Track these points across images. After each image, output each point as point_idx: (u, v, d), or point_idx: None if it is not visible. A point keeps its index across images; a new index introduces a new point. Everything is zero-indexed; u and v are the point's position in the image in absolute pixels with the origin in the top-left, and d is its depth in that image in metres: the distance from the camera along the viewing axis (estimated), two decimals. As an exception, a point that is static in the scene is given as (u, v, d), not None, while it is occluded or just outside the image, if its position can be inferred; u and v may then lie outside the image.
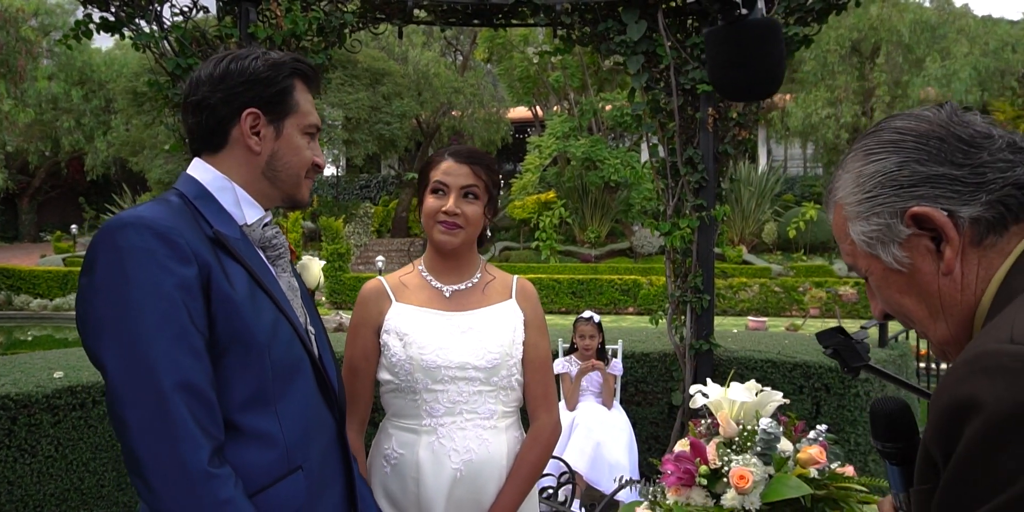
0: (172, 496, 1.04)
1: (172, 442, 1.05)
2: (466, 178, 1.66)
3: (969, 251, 0.79)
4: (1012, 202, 0.77)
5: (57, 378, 3.22)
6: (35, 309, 15.54)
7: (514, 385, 1.69)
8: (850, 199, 0.86)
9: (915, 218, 0.80)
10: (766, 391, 1.43)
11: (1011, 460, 0.62)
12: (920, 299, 0.83)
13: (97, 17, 3.32)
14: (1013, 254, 0.77)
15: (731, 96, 1.47)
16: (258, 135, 1.27)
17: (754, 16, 1.20)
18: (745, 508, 1.28)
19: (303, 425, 1.25)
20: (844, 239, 0.89)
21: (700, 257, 3.99)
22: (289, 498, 1.20)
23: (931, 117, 0.83)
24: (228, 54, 1.30)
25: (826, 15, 3.73)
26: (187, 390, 1.07)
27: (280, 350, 1.22)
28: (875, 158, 0.83)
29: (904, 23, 18.87)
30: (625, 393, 4.38)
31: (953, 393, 0.67)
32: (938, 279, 0.81)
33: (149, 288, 1.08)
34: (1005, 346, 0.65)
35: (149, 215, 1.14)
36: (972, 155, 0.79)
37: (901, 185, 0.81)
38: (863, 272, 0.89)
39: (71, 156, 27.17)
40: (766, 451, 1.33)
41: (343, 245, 17.24)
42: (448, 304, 1.71)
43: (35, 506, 3.02)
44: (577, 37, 4.12)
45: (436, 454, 1.62)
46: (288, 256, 1.36)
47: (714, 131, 3.92)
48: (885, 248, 0.83)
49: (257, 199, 1.31)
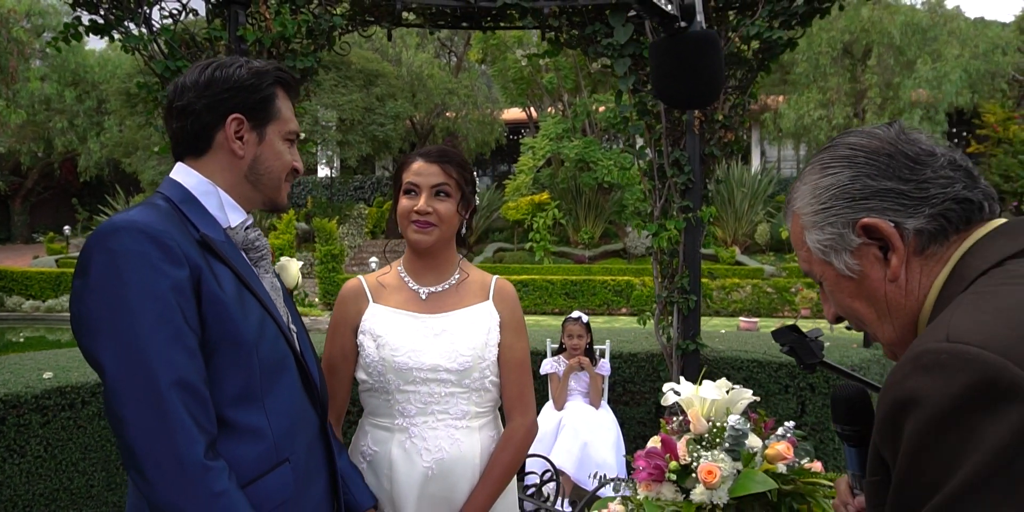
0: (170, 489, 1.08)
1: (169, 437, 1.09)
2: (436, 177, 1.69)
3: (913, 259, 0.86)
4: (952, 215, 0.84)
5: (47, 379, 3.23)
6: (27, 310, 15.51)
7: (488, 386, 1.71)
8: (807, 209, 0.92)
9: (865, 228, 0.86)
10: (736, 389, 1.46)
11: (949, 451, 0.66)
12: (869, 303, 0.90)
13: (86, 19, 3.33)
14: (950, 262, 0.84)
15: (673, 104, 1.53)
16: (241, 140, 1.31)
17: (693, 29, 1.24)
18: (713, 502, 1.31)
19: (289, 420, 1.29)
20: (801, 246, 0.95)
21: (687, 258, 4.02)
22: (277, 489, 1.25)
23: (881, 135, 0.90)
24: (212, 62, 1.33)
25: (810, 19, 3.77)
26: (183, 387, 1.11)
27: (267, 348, 1.26)
28: (830, 172, 0.90)
29: (895, 25, 18.97)
30: (613, 393, 4.41)
31: (896, 390, 0.71)
32: (885, 285, 0.87)
33: (144, 289, 1.12)
34: (941, 344, 0.70)
35: (141, 219, 1.17)
36: (917, 171, 0.86)
37: (853, 198, 0.87)
38: (818, 277, 0.95)
39: (64, 157, 27.09)
40: (735, 447, 1.36)
41: (337, 246, 17.24)
42: (424, 306, 1.74)
43: (24, 506, 3.03)
44: (565, 40, 4.16)
45: (408, 452, 1.65)
46: (269, 258, 1.40)
47: (700, 133, 3.96)
48: (838, 255, 0.89)
49: (239, 202, 1.35)
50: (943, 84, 18.41)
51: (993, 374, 0.65)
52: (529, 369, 1.78)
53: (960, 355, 0.68)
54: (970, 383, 0.66)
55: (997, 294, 0.75)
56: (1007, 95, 21.57)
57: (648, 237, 4.18)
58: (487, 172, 29.05)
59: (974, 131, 22.05)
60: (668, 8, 1.25)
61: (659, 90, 1.41)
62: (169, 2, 3.42)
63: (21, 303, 15.77)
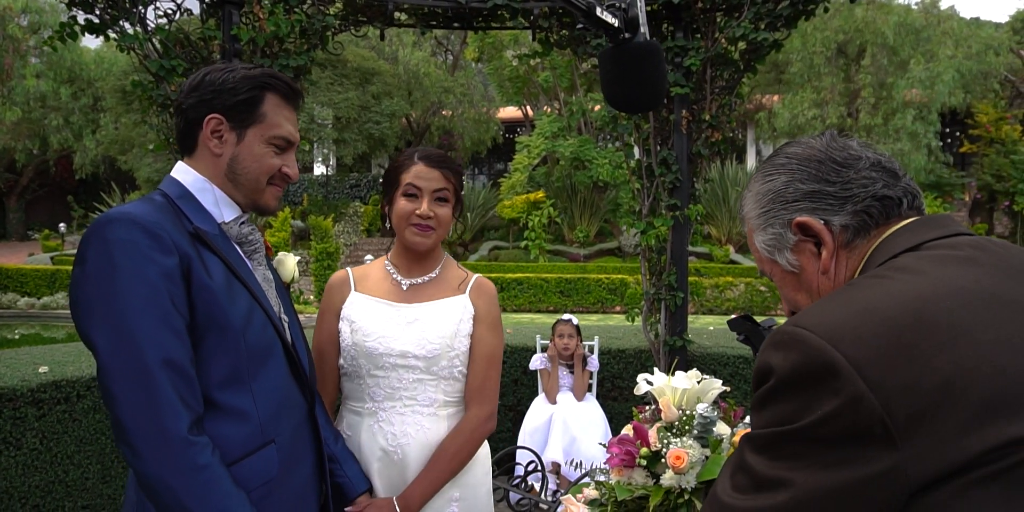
0: (155, 461, 1.15)
1: (155, 412, 1.16)
2: (438, 182, 1.74)
3: (841, 253, 0.96)
4: (873, 211, 0.94)
5: (42, 373, 3.28)
6: (23, 308, 15.52)
7: (457, 376, 1.76)
8: (752, 214, 1.03)
9: (799, 226, 0.96)
10: (707, 379, 1.52)
11: (787, 407, 0.78)
12: (808, 295, 1.00)
13: (82, 19, 3.38)
14: (866, 255, 0.93)
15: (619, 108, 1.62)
16: (220, 139, 1.37)
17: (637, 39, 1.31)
18: (682, 487, 1.37)
19: (276, 403, 1.36)
20: (753, 248, 1.05)
21: (674, 255, 4.09)
22: (263, 469, 1.32)
23: (814, 143, 1.00)
24: (212, 67, 1.41)
25: (795, 20, 3.84)
26: (169, 366, 1.18)
27: (254, 334, 1.33)
28: (768, 179, 1.01)
29: (889, 25, 19.05)
30: (602, 388, 4.48)
31: (758, 362, 0.84)
32: (818, 277, 0.98)
33: (135, 275, 1.19)
34: (786, 327, 0.82)
35: (135, 211, 1.25)
36: (843, 174, 0.95)
37: (787, 200, 0.98)
38: (769, 275, 1.05)
39: (59, 154, 27.06)
40: (703, 434, 1.42)
41: (332, 244, 17.28)
42: (402, 296, 1.80)
43: (20, 498, 3.08)
44: (555, 40, 4.22)
45: (375, 436, 1.71)
46: (263, 251, 1.48)
47: (688, 133, 4.02)
48: (780, 253, 1.00)
49: (232, 200, 1.42)
50: (936, 84, 18.50)
51: (813, 353, 0.76)
52: (498, 364, 1.82)
53: (794, 336, 0.79)
54: (799, 360, 0.78)
55: (859, 285, 0.85)
56: (1000, 95, 21.68)
57: (637, 235, 4.24)
58: (483, 170, 29.09)
59: (967, 131, 22.17)
60: (613, 21, 1.32)
61: (606, 95, 1.49)
62: (164, 2, 3.46)
63: (16, 300, 15.78)
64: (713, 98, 4.00)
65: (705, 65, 3.93)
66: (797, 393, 0.78)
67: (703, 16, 3.93)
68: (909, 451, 0.71)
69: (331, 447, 1.61)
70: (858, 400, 0.72)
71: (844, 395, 0.73)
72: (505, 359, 4.55)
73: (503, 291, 16.09)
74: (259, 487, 1.30)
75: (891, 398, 0.72)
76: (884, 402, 0.72)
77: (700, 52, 3.89)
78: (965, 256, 0.85)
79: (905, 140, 18.75)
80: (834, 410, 0.74)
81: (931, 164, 19.84)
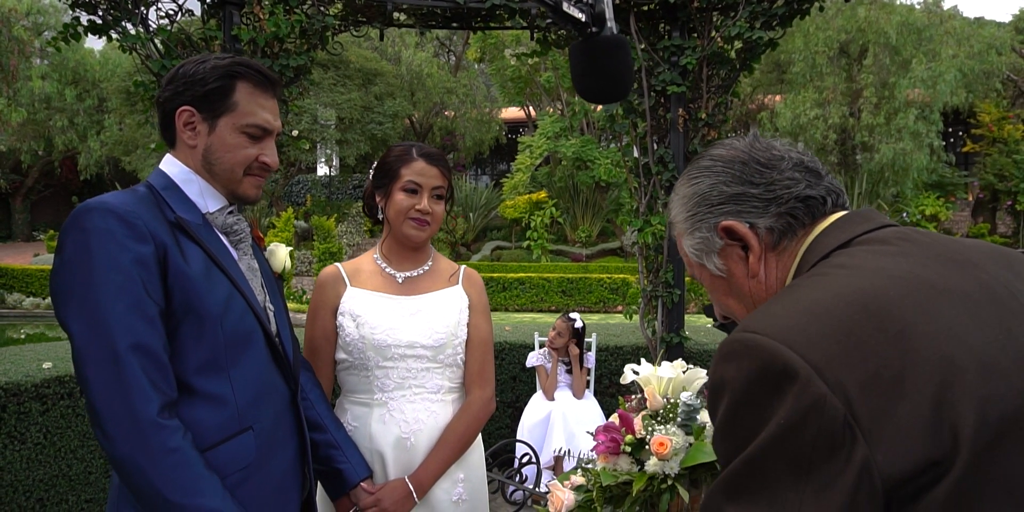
0: (125, 442, 1.17)
1: (125, 395, 1.18)
2: (437, 179, 1.80)
3: (769, 256, 0.94)
4: (798, 212, 0.92)
5: (46, 368, 3.33)
6: (28, 308, 15.61)
7: (459, 362, 1.83)
8: (678, 218, 1.01)
9: (725, 230, 0.94)
10: (692, 369, 1.56)
11: (745, 427, 0.74)
12: (739, 299, 0.98)
13: (85, 20, 3.43)
14: (798, 256, 0.91)
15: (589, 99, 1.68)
16: (193, 130, 1.39)
17: (605, 34, 1.36)
18: (666, 473, 1.41)
19: (255, 390, 1.37)
20: (682, 253, 1.03)
21: (671, 253, 4.12)
22: (239, 455, 1.33)
23: (737, 145, 0.99)
24: (188, 60, 1.43)
25: (790, 20, 3.87)
26: (140, 351, 1.21)
27: (233, 321, 1.35)
28: (693, 182, 0.99)
29: (891, 25, 19.03)
30: (599, 385, 4.51)
31: (711, 378, 0.81)
32: (748, 281, 0.95)
33: (108, 263, 1.22)
34: (735, 334, 0.78)
35: (112, 200, 1.28)
36: (766, 174, 0.94)
37: (712, 203, 0.96)
38: (699, 280, 1.03)
39: (64, 155, 27.16)
40: (687, 422, 1.46)
41: (335, 244, 17.34)
42: (400, 289, 1.85)
43: (24, 491, 3.13)
44: (553, 40, 4.26)
45: (387, 425, 1.76)
46: (249, 241, 1.50)
47: (684, 131, 4.06)
48: (708, 257, 0.97)
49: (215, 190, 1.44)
50: (938, 84, 18.47)
51: (769, 358, 0.73)
52: (491, 348, 1.91)
53: (745, 343, 0.76)
54: (754, 367, 0.74)
55: (799, 286, 0.83)
56: (1002, 95, 21.65)
57: (634, 233, 4.28)
58: (485, 171, 29.12)
59: (969, 130, 22.15)
60: (580, 16, 1.37)
61: (577, 87, 1.54)
62: (165, 3, 3.51)
63: (22, 300, 15.87)
64: (709, 97, 4.03)
65: (701, 64, 3.97)
66: (756, 404, 0.73)
67: (699, 15, 3.97)
68: (877, 449, 0.69)
69: (333, 434, 1.64)
70: (821, 403, 0.70)
71: (806, 398, 0.70)
72: (504, 356, 4.61)
73: (505, 291, 16.13)
74: (235, 473, 1.32)
75: (852, 398, 0.70)
76: (846, 402, 0.69)
77: (696, 51, 3.93)
78: (896, 249, 0.84)
79: (907, 140, 18.73)
80: (798, 417, 0.70)
81: (934, 164, 19.81)
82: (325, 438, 1.62)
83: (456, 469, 1.79)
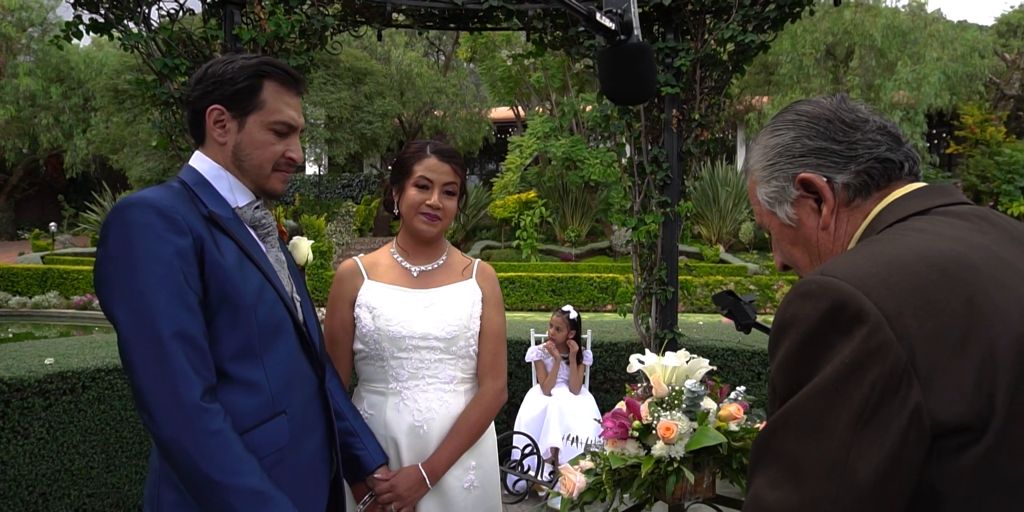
0: (171, 426, 1.23)
1: (169, 379, 1.24)
2: (448, 176, 1.87)
3: (842, 211, 0.99)
4: (875, 172, 0.97)
5: (48, 364, 3.35)
6: (14, 306, 15.48)
7: (471, 354, 1.90)
8: (757, 166, 1.05)
9: (802, 182, 0.99)
10: (695, 358, 1.63)
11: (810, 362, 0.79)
12: (805, 249, 1.03)
13: (87, 18, 3.45)
14: (871, 215, 0.96)
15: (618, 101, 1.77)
16: (223, 128, 1.45)
17: (631, 41, 1.44)
18: (671, 456, 1.48)
19: (287, 376, 1.44)
20: (754, 200, 1.08)
21: (664, 251, 4.20)
22: (274, 438, 1.40)
23: (824, 103, 1.02)
24: (216, 59, 1.49)
25: (782, 23, 3.95)
26: (182, 338, 1.27)
27: (265, 311, 1.41)
28: (777, 133, 1.03)
29: (877, 28, 19.27)
30: (594, 380, 4.58)
31: (780, 314, 0.85)
32: (817, 233, 1.00)
33: (150, 255, 1.28)
34: (814, 277, 0.83)
35: (152, 196, 1.34)
36: (849, 134, 0.98)
37: (793, 155, 1.00)
38: (766, 227, 1.08)
39: (50, 153, 26.93)
40: (691, 408, 1.53)
41: (324, 243, 17.33)
42: (415, 282, 1.91)
43: (27, 485, 3.16)
44: (549, 41, 4.32)
45: (401, 413, 1.82)
46: (276, 234, 1.56)
47: (678, 132, 4.14)
48: (780, 206, 1.02)
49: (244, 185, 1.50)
50: (922, 86, 18.73)
51: (845, 301, 0.78)
52: (504, 340, 1.97)
53: (824, 285, 0.80)
54: (828, 307, 0.79)
55: (880, 241, 0.88)
56: (984, 97, 21.96)
57: (628, 232, 4.35)
58: (475, 170, 29.16)
59: (953, 132, 22.44)
60: (611, 25, 1.45)
61: (605, 90, 1.63)
62: (167, 2, 3.55)
63: (7, 299, 15.74)
64: (702, 98, 4.11)
65: (695, 66, 4.05)
66: (823, 343, 0.78)
67: (693, 18, 4.05)
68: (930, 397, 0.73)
69: (351, 422, 1.70)
70: (886, 349, 0.74)
71: (873, 342, 0.74)
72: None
73: (495, 290, 16.15)
74: (271, 455, 1.38)
75: (915, 348, 0.74)
76: (909, 351, 0.74)
77: (690, 53, 4.00)
78: (972, 225, 0.88)
79: (892, 141, 18.94)
80: (863, 358, 0.74)
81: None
82: (344, 426, 1.68)
83: (468, 457, 1.85)
